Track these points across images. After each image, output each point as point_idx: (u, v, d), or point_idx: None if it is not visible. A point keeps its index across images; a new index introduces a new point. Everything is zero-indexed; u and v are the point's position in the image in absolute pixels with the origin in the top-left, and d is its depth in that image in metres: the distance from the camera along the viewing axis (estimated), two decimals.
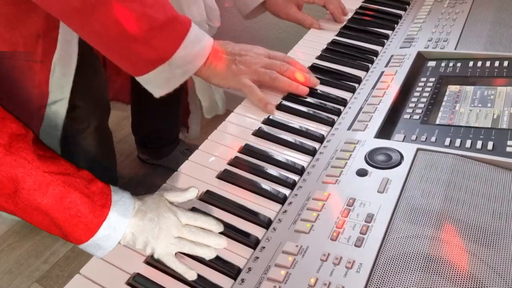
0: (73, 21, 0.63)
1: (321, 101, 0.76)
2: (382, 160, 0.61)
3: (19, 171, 0.51)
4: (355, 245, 0.51)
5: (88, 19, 0.61)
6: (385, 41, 0.93)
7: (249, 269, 0.51)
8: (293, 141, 0.68)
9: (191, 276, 0.51)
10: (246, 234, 0.55)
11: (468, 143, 0.61)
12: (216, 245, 0.54)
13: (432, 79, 0.78)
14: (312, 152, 0.67)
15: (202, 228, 0.56)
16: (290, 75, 0.77)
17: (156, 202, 0.57)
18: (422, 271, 0.46)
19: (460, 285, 0.44)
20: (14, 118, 0.54)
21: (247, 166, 0.65)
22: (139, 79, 0.70)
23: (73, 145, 0.95)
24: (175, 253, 0.54)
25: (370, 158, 0.62)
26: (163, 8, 0.66)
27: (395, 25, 0.98)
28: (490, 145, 0.60)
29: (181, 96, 1.37)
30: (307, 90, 0.77)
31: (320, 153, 0.66)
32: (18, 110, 0.57)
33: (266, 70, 0.75)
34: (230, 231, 0.56)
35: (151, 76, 0.68)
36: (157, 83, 0.70)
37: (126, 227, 0.54)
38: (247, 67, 0.75)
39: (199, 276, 0.52)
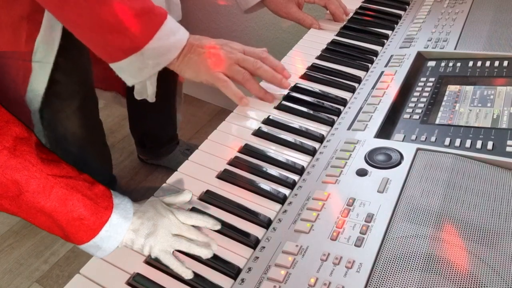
0: (49, 6, 0.65)
1: (321, 101, 0.77)
2: (382, 160, 0.61)
3: (23, 174, 0.51)
4: (355, 245, 0.51)
5: (64, 6, 0.63)
6: (385, 41, 0.93)
7: (249, 269, 0.52)
8: (293, 141, 0.68)
9: (187, 274, 0.51)
10: (246, 234, 0.55)
11: (468, 143, 0.61)
12: (211, 240, 0.55)
13: (432, 79, 0.78)
14: (312, 152, 0.67)
15: (199, 227, 0.56)
16: (262, 73, 0.76)
17: (153, 204, 0.58)
18: (422, 270, 0.46)
19: (459, 285, 0.44)
20: (18, 122, 0.54)
21: (247, 166, 0.65)
22: (112, 65, 0.70)
23: (56, 125, 0.96)
24: (173, 252, 0.54)
25: (370, 158, 0.62)
26: None
27: (395, 25, 0.98)
28: (490, 145, 0.60)
29: (175, 93, 1.37)
30: (272, 98, 0.77)
31: (320, 153, 0.66)
32: (5, 95, 0.58)
33: (240, 69, 0.75)
34: (230, 231, 0.56)
35: (123, 64, 0.69)
36: (129, 72, 0.71)
37: (126, 229, 0.54)
38: (220, 61, 0.74)
39: (199, 276, 0.52)
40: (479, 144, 0.61)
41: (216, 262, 0.53)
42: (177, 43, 0.71)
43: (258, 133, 0.71)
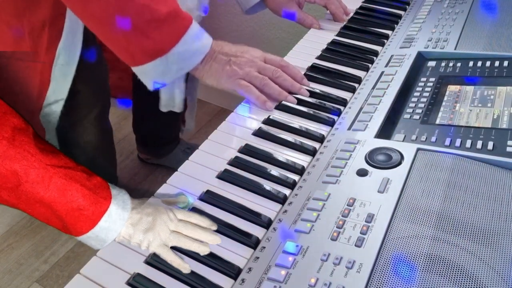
0: (74, 4, 0.64)
1: (321, 101, 0.76)
2: (382, 160, 0.61)
3: (22, 164, 0.51)
4: (355, 245, 0.51)
5: (90, 4, 0.62)
6: (385, 41, 0.93)
7: (250, 269, 0.51)
8: (293, 141, 0.68)
9: (185, 268, 0.52)
10: (246, 234, 0.55)
11: (468, 143, 0.61)
12: (210, 241, 0.55)
13: (432, 79, 0.78)
14: (312, 152, 0.67)
15: (197, 225, 0.56)
16: (281, 82, 0.77)
17: (152, 201, 0.59)
18: (422, 271, 0.46)
19: (460, 285, 0.44)
20: (15, 113, 0.54)
21: (247, 166, 0.65)
22: (135, 69, 0.70)
23: (71, 134, 0.95)
24: (171, 248, 0.54)
25: (370, 158, 0.62)
26: (165, 2, 0.66)
27: (395, 25, 0.98)
28: (490, 145, 0.60)
29: None
30: (295, 100, 0.77)
31: (320, 153, 0.66)
32: (18, 105, 0.58)
33: (258, 75, 0.75)
34: (230, 231, 0.56)
35: (147, 68, 0.69)
36: (152, 75, 0.70)
37: (125, 220, 0.55)
38: (240, 69, 0.75)
39: (199, 276, 0.52)
40: (479, 144, 0.61)
41: (216, 262, 0.53)
42: (201, 48, 0.72)
43: (258, 133, 0.71)
